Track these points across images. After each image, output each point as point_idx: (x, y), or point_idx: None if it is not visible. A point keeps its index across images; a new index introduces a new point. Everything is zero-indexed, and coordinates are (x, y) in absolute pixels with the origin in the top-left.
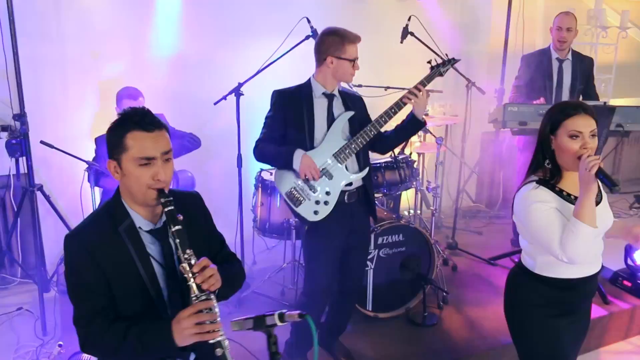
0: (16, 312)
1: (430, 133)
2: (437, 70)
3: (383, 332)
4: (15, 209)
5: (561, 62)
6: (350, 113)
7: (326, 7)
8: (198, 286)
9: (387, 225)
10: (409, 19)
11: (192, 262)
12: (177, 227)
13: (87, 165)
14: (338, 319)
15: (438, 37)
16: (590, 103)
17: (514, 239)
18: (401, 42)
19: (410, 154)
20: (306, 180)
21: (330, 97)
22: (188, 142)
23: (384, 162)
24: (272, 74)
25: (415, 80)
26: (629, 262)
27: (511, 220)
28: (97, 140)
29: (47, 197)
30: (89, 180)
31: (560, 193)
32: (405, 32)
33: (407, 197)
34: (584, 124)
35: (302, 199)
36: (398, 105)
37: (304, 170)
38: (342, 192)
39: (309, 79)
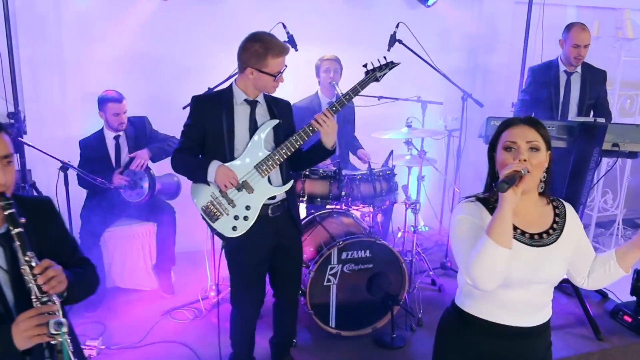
0: None
1: (413, 146)
2: (372, 75)
3: (344, 350)
4: None
5: (569, 75)
6: (275, 121)
7: (329, 14)
8: (39, 288)
9: (351, 240)
10: (397, 26)
11: (33, 264)
12: (17, 230)
13: (60, 165)
14: (281, 332)
15: (453, 47)
16: (579, 119)
17: None
18: (388, 50)
19: (393, 167)
20: (224, 194)
21: (252, 103)
22: (168, 146)
23: (360, 174)
24: None
25: (408, 90)
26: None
27: None
28: (80, 142)
29: (40, 194)
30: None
31: None
32: (393, 40)
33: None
34: (519, 134)
35: (219, 214)
36: (310, 128)
37: (222, 182)
38: (266, 206)
39: (231, 84)
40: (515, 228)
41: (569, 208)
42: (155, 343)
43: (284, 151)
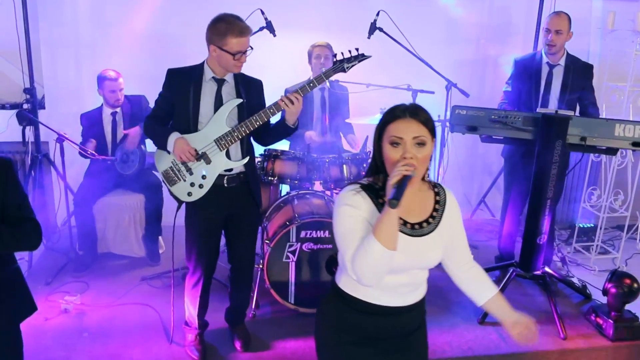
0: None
1: None
2: (339, 65)
3: (301, 326)
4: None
5: (552, 68)
6: (238, 101)
7: (331, 2)
8: None
9: (309, 219)
10: (377, 15)
11: None
12: None
13: (57, 136)
14: (234, 299)
15: (460, 38)
16: (542, 111)
17: (498, 256)
18: (368, 38)
19: (368, 152)
20: (184, 162)
21: (220, 82)
22: None
23: (329, 158)
24: None
25: (398, 79)
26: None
27: None
28: (81, 117)
29: (52, 164)
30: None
31: (382, 206)
32: (373, 28)
33: None
34: (406, 129)
35: (177, 179)
36: (277, 106)
37: (178, 154)
38: (222, 176)
39: (204, 62)
40: None
41: (449, 195)
42: (127, 304)
43: (243, 129)
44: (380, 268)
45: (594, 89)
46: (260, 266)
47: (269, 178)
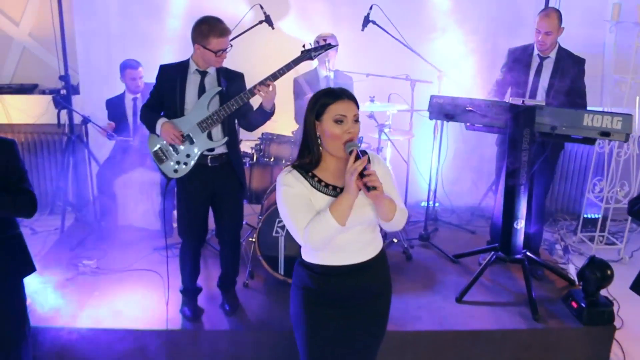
0: (53, 230)
1: (374, 119)
2: (306, 54)
3: (287, 295)
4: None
5: (542, 60)
6: (218, 89)
7: None
8: None
9: None
10: (370, 8)
11: None
12: None
13: (82, 119)
14: (224, 269)
15: (468, 30)
16: (511, 100)
17: (489, 241)
18: (362, 30)
19: (360, 138)
20: (171, 144)
21: (203, 73)
22: None
23: None
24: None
25: (391, 68)
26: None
27: None
28: (106, 102)
29: (84, 144)
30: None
31: (312, 178)
32: (367, 21)
33: None
34: (347, 109)
35: (164, 158)
36: (251, 92)
37: (165, 136)
38: (205, 156)
39: (189, 57)
40: (326, 185)
41: (373, 159)
42: (136, 270)
43: (222, 112)
44: (330, 236)
45: (585, 83)
46: (253, 239)
47: (266, 159)
